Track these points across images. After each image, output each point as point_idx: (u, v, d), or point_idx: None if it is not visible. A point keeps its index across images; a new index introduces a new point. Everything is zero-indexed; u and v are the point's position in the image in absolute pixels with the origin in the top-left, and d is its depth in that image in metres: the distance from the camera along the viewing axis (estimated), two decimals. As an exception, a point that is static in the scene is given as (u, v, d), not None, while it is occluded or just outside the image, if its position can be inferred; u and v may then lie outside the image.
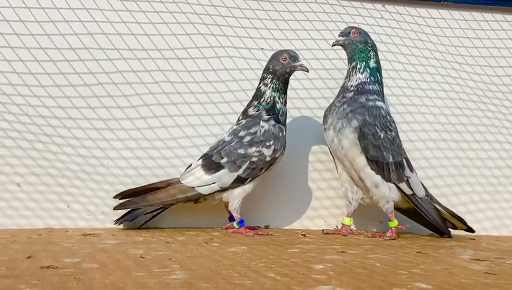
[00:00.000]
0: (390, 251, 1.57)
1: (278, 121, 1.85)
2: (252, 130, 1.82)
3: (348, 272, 1.20)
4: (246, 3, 2.10)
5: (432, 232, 2.02)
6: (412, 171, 1.88)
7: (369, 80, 1.88)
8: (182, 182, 1.80)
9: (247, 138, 1.81)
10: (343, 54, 2.07)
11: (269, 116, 1.84)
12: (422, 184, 1.91)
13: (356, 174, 1.87)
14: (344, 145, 1.84)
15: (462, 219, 1.98)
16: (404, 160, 1.86)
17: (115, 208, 1.82)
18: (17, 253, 1.33)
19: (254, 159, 1.79)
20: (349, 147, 1.83)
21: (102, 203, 1.92)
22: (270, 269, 1.21)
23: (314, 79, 2.12)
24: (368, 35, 1.94)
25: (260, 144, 1.80)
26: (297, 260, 1.34)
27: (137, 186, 1.91)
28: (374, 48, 1.92)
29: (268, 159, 1.81)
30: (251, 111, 1.87)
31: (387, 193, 1.84)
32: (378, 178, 1.83)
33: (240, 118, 1.89)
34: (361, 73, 1.89)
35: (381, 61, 2.15)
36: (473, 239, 1.99)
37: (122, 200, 1.85)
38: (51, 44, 1.92)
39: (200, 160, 1.84)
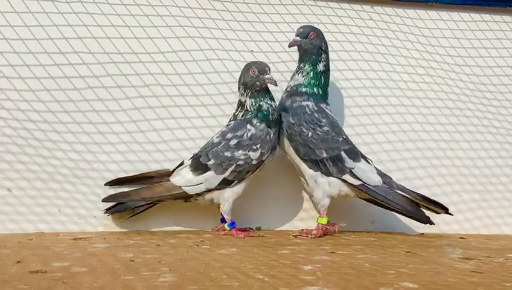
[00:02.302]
0: (380, 251, 1.58)
1: (268, 124, 1.83)
2: (239, 133, 1.83)
3: (336, 273, 1.21)
4: (235, 6, 2.10)
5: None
6: (359, 161, 1.86)
7: (306, 82, 1.90)
8: (171, 180, 1.83)
9: (234, 141, 1.82)
10: (332, 55, 2.08)
11: (257, 120, 1.83)
12: (380, 172, 1.89)
13: (300, 173, 1.91)
14: (283, 147, 1.91)
15: (437, 201, 1.94)
16: (343, 152, 1.85)
17: (104, 200, 1.84)
18: (6, 258, 1.33)
19: (240, 162, 1.80)
20: (287, 148, 1.89)
21: (93, 207, 1.91)
22: (259, 270, 1.22)
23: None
24: (324, 37, 1.95)
25: (247, 147, 1.81)
26: (286, 261, 1.34)
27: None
28: (326, 51, 1.94)
29: (254, 162, 1.81)
30: (240, 116, 1.87)
31: (326, 188, 1.85)
32: (317, 174, 1.85)
33: (231, 120, 1.90)
34: (303, 76, 1.91)
35: (370, 63, 2.19)
36: (463, 238, 2.00)
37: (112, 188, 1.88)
38: (40, 48, 1.92)
39: (190, 160, 1.85)
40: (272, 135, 1.84)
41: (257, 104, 1.83)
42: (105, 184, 1.87)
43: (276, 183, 2.08)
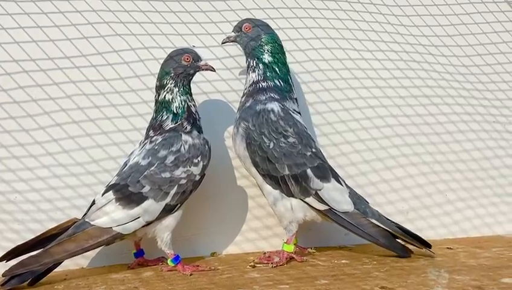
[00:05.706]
0: (350, 286, 1.30)
1: (199, 130, 1.61)
2: (175, 148, 1.54)
3: None
4: (169, -6, 1.79)
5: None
6: (328, 181, 1.59)
7: (262, 77, 1.66)
8: (93, 223, 1.47)
9: (171, 158, 1.53)
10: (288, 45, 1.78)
11: (190, 126, 1.59)
12: (354, 196, 1.62)
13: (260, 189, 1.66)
14: (239, 155, 1.66)
15: (418, 236, 1.64)
16: (309, 170, 1.58)
17: (4, 274, 1.42)
18: None
19: (183, 181, 1.52)
20: (244, 158, 1.64)
21: (12, 245, 1.58)
22: None
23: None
24: (265, 27, 1.70)
25: (187, 162, 1.53)
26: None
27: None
28: (270, 41, 1.68)
29: (197, 178, 1.55)
30: (168, 124, 1.58)
31: (287, 211, 1.59)
32: (276, 193, 1.59)
33: (152, 135, 1.60)
34: (254, 71, 1.68)
35: (333, 51, 1.90)
36: (451, 249, 1.75)
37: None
38: None
39: (110, 193, 1.51)
40: (208, 142, 1.60)
41: (186, 105, 1.59)
42: (1, 259, 1.49)
43: (232, 200, 1.81)
